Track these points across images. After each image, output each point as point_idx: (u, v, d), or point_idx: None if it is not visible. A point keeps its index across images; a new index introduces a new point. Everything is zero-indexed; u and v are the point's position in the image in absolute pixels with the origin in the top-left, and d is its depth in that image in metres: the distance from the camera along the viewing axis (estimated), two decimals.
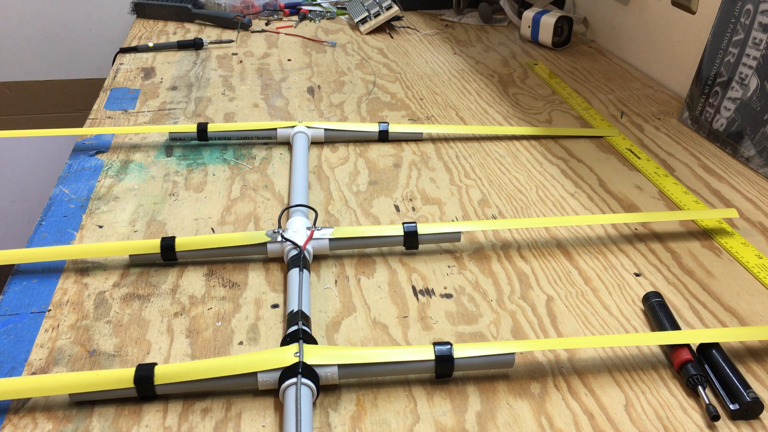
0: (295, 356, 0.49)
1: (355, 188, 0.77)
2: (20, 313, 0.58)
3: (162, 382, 0.49)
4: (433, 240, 0.66)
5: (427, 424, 0.48)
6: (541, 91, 1.05)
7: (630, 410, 0.49)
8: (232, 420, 0.48)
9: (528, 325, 0.57)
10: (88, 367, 0.52)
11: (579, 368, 0.53)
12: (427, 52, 1.22)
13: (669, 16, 1.03)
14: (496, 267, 0.64)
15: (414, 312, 0.58)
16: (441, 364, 0.50)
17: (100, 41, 1.78)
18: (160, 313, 0.58)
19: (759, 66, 0.80)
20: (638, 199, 0.76)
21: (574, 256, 0.66)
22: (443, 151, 0.85)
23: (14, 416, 0.48)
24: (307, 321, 0.54)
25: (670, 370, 0.52)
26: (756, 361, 0.53)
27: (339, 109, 0.97)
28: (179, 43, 1.21)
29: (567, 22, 1.20)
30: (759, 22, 0.80)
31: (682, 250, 0.67)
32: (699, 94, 0.90)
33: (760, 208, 0.74)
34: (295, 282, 0.58)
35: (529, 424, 0.48)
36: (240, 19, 1.31)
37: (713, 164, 0.83)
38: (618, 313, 0.58)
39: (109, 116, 0.93)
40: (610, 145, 0.87)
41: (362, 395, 0.50)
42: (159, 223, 0.70)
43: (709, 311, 0.59)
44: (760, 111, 0.80)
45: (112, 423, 0.48)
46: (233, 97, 1.01)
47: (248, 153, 0.84)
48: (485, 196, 0.76)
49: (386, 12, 1.31)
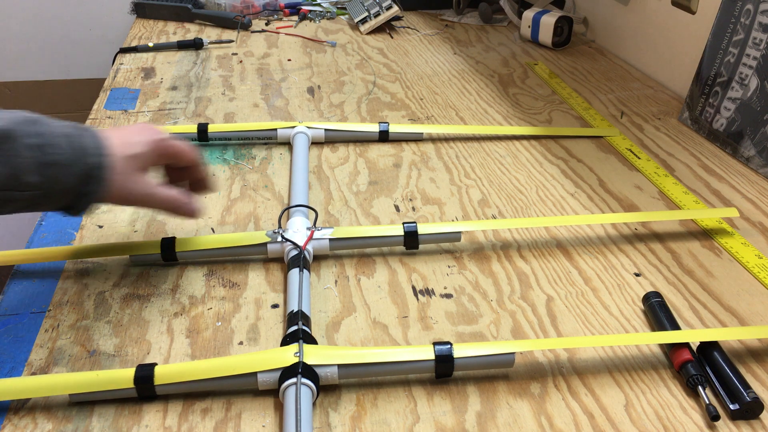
0: (295, 356, 0.49)
1: (355, 188, 0.77)
2: (20, 313, 0.58)
3: (162, 382, 0.49)
4: (433, 240, 0.66)
5: (427, 424, 0.48)
6: (541, 91, 1.05)
7: (630, 410, 0.49)
8: (232, 420, 0.48)
9: (528, 325, 0.57)
10: (88, 367, 0.52)
11: (579, 368, 0.53)
12: (427, 52, 1.22)
13: (669, 16, 1.03)
14: (496, 267, 0.64)
15: (414, 312, 0.58)
16: (441, 363, 0.50)
17: (100, 41, 1.78)
18: (160, 313, 0.58)
19: (759, 66, 0.80)
20: (638, 199, 0.76)
21: (574, 256, 0.66)
22: (443, 151, 0.85)
23: (14, 416, 0.48)
24: (307, 321, 0.54)
25: (670, 370, 0.52)
26: (756, 361, 0.53)
27: (339, 109, 0.97)
28: (179, 43, 1.21)
29: (567, 22, 1.20)
30: (759, 22, 0.80)
31: (682, 250, 0.67)
32: (699, 94, 0.90)
33: (760, 208, 0.74)
34: (295, 282, 0.58)
35: (529, 424, 0.48)
36: (240, 19, 1.31)
37: (713, 164, 0.83)
38: (618, 313, 0.58)
39: (109, 116, 0.93)
40: (610, 145, 0.87)
41: (362, 395, 0.50)
42: (159, 223, 0.70)
43: (709, 311, 0.59)
44: (760, 111, 0.80)
45: (112, 423, 0.48)
46: (233, 97, 1.01)
47: (248, 153, 0.84)
48: (485, 196, 0.76)
49: (386, 12, 1.31)
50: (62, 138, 0.51)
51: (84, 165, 0.52)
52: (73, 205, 0.53)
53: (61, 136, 0.51)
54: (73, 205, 0.53)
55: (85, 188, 0.52)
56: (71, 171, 0.51)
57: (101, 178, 0.53)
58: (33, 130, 0.50)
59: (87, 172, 0.52)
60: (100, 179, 0.53)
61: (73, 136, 0.52)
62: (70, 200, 0.53)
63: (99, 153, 0.53)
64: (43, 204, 0.52)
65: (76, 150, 0.52)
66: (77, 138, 0.52)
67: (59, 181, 0.51)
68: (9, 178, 0.49)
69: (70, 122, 0.54)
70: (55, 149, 0.50)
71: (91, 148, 0.52)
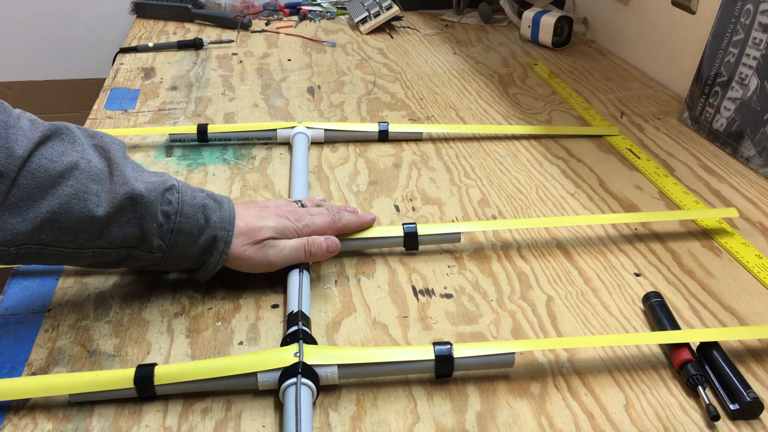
0: (295, 356, 0.49)
1: (355, 188, 0.77)
2: (20, 313, 0.58)
3: (162, 382, 0.49)
4: (433, 241, 0.66)
5: (427, 424, 0.48)
6: (541, 91, 1.05)
7: (630, 410, 0.49)
8: (232, 420, 0.48)
9: (528, 325, 0.57)
10: (88, 367, 0.52)
11: (579, 368, 0.53)
12: (427, 52, 1.22)
13: (669, 16, 1.03)
14: (496, 267, 0.64)
15: (414, 312, 0.58)
16: (441, 363, 0.50)
17: (100, 41, 1.78)
18: (160, 313, 0.58)
19: (759, 66, 0.80)
20: (638, 199, 0.76)
21: (574, 256, 0.66)
22: (443, 151, 0.85)
23: (14, 416, 0.48)
24: (307, 321, 0.54)
25: (670, 370, 0.52)
26: (756, 361, 0.53)
27: (339, 109, 0.97)
28: (179, 43, 1.21)
29: (567, 22, 1.20)
30: (759, 22, 0.80)
31: (682, 250, 0.67)
32: (699, 94, 0.90)
33: (760, 208, 0.74)
34: (295, 282, 0.58)
35: (529, 424, 0.48)
36: (240, 19, 1.31)
37: (713, 164, 0.83)
38: (618, 313, 0.58)
39: (109, 116, 0.93)
40: (610, 145, 0.87)
41: (362, 395, 0.50)
42: None
43: (709, 311, 0.59)
44: (760, 111, 0.80)
45: (112, 423, 0.48)
46: (233, 97, 1.01)
47: (248, 153, 0.84)
48: (485, 196, 0.76)
49: (386, 12, 1.31)
50: (196, 209, 0.56)
51: (208, 237, 0.56)
52: (195, 270, 0.58)
53: (195, 207, 0.56)
54: (195, 270, 0.58)
55: (207, 258, 0.57)
56: (196, 241, 0.56)
57: (220, 251, 0.56)
58: (170, 198, 0.55)
59: (209, 243, 0.56)
60: (219, 251, 0.57)
61: (208, 208, 0.56)
62: (188, 265, 0.58)
63: (225, 228, 0.57)
64: (161, 265, 0.56)
65: (204, 221, 0.56)
66: (210, 209, 0.56)
67: (183, 247, 0.55)
68: (137, 238, 0.53)
69: (208, 192, 0.58)
70: (186, 219, 0.55)
71: (217, 221, 0.56)
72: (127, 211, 0.52)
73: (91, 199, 0.51)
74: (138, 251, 0.54)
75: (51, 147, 0.50)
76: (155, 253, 0.55)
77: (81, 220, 0.50)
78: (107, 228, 0.52)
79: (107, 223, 0.51)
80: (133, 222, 0.53)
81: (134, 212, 0.52)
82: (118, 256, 0.54)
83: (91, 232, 0.51)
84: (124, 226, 0.52)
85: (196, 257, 0.56)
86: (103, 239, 0.52)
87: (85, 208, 0.50)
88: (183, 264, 0.57)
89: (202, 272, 0.58)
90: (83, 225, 0.50)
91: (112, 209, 0.51)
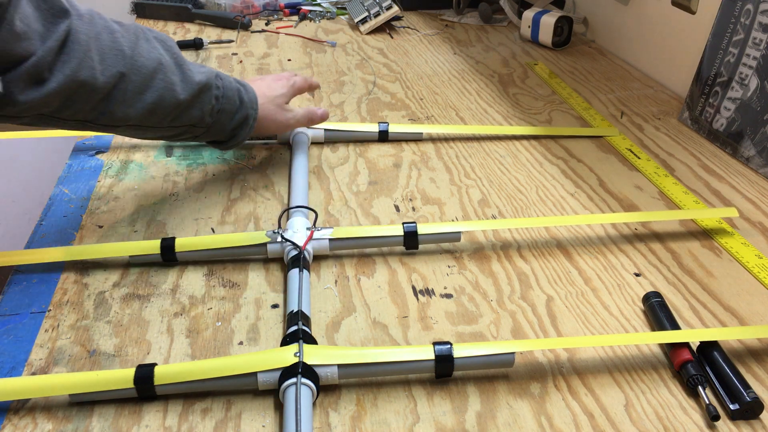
0: (295, 356, 0.49)
1: (355, 188, 0.77)
2: (20, 313, 0.58)
3: (162, 382, 0.49)
4: (433, 240, 0.66)
5: (427, 424, 0.48)
6: (541, 91, 1.05)
7: (630, 410, 0.49)
8: (232, 420, 0.48)
9: (528, 325, 0.57)
10: (88, 367, 0.52)
11: (579, 368, 0.53)
12: (427, 52, 1.22)
13: (669, 16, 1.03)
14: (496, 267, 0.64)
15: (414, 312, 0.58)
16: (441, 363, 0.50)
17: None
18: (160, 313, 0.58)
19: (759, 66, 0.80)
20: (638, 199, 0.76)
21: (574, 256, 0.66)
22: (443, 151, 0.85)
23: (14, 416, 0.48)
24: (307, 321, 0.54)
25: (670, 370, 0.52)
26: (756, 361, 0.53)
27: (339, 109, 0.97)
28: (179, 43, 1.21)
29: (567, 22, 1.20)
30: (759, 22, 0.80)
31: (682, 250, 0.67)
32: (699, 94, 0.90)
33: (760, 208, 0.74)
34: (295, 282, 0.58)
35: (529, 424, 0.48)
36: (240, 19, 1.31)
37: (713, 164, 0.83)
38: (618, 313, 0.58)
39: None
40: (610, 145, 0.87)
41: (362, 395, 0.50)
42: (159, 223, 0.70)
43: (709, 311, 0.59)
44: (760, 111, 0.80)
45: (112, 423, 0.48)
46: None
47: (248, 153, 0.84)
48: (485, 196, 0.76)
49: (386, 12, 1.31)
50: (234, 92, 0.69)
51: (242, 115, 0.70)
52: (225, 141, 0.72)
53: (233, 90, 0.69)
54: (225, 141, 0.72)
55: (238, 131, 0.71)
56: (233, 117, 0.69)
57: (250, 125, 0.71)
58: (218, 83, 0.67)
59: (242, 120, 0.70)
60: (249, 126, 0.71)
61: (240, 91, 0.70)
62: (223, 137, 0.71)
63: (253, 107, 0.71)
64: (204, 137, 0.70)
65: (239, 102, 0.69)
66: (242, 92, 0.70)
67: (222, 123, 0.69)
68: (197, 119, 0.66)
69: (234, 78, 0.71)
70: (228, 100, 0.68)
71: (248, 102, 0.70)
72: (199, 97, 0.65)
73: (176, 89, 0.62)
74: (194, 128, 0.67)
75: (141, 46, 0.60)
76: (203, 128, 0.67)
77: (170, 106, 0.62)
78: (186, 110, 0.64)
79: (187, 107, 0.64)
80: (201, 105, 0.65)
81: (202, 97, 0.65)
82: (179, 131, 0.66)
83: (174, 115, 0.64)
84: (195, 109, 0.65)
85: (228, 131, 0.70)
86: (178, 120, 0.65)
87: (173, 97, 0.62)
88: (216, 136, 0.70)
89: (231, 143, 0.71)
90: (172, 110, 0.63)
91: (189, 96, 0.63)
